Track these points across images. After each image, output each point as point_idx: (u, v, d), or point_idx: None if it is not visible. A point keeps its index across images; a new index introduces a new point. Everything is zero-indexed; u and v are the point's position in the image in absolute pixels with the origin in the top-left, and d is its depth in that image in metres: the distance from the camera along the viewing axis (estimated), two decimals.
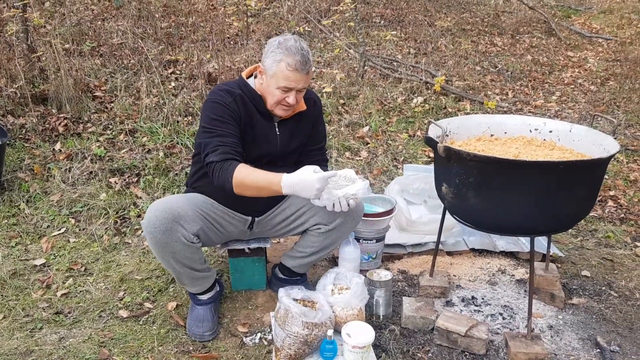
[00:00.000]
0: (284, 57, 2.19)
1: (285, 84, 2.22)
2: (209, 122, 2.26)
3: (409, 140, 4.90)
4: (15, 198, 3.60)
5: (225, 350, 2.38)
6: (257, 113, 2.36)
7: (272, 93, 2.28)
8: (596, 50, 8.32)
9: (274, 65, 2.21)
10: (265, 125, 2.39)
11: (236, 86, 2.35)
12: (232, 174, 2.16)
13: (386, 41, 7.18)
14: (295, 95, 2.27)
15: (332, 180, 2.27)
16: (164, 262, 2.31)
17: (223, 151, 2.20)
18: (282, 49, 2.20)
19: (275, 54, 2.21)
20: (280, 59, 2.20)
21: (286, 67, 2.19)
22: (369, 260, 2.94)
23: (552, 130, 2.61)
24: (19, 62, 4.73)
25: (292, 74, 2.20)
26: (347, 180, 2.27)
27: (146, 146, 4.17)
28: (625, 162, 4.62)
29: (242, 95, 2.32)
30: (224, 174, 2.17)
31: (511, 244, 3.21)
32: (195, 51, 5.64)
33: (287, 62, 2.19)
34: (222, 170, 2.17)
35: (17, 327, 2.51)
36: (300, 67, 2.20)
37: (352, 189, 2.24)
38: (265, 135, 2.40)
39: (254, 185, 2.17)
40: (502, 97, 6.15)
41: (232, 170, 2.16)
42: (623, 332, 2.54)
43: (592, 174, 2.20)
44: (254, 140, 2.37)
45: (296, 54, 2.19)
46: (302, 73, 2.21)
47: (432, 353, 2.36)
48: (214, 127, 2.24)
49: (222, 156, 2.19)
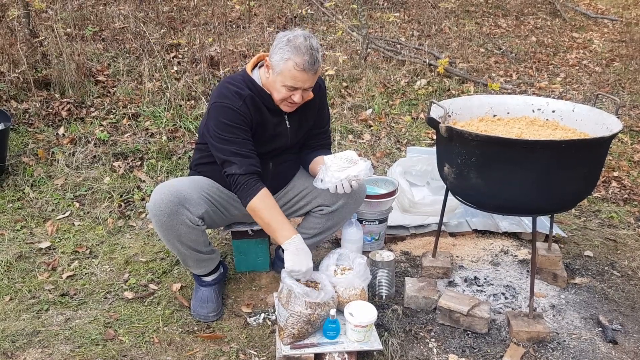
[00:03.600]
0: (292, 56, 2.12)
1: (292, 84, 2.17)
2: (222, 128, 2.22)
3: (412, 122, 4.89)
4: (19, 182, 3.62)
5: (229, 331, 2.40)
6: (267, 111, 2.33)
7: (278, 90, 2.23)
8: (601, 31, 8.23)
9: (282, 63, 2.15)
10: (276, 122, 2.37)
11: (244, 85, 2.28)
12: (252, 196, 2.20)
13: (389, 23, 7.12)
14: (302, 93, 2.23)
15: (334, 162, 2.28)
16: (169, 245, 2.33)
17: (245, 163, 2.21)
18: (291, 47, 2.12)
19: (283, 51, 2.14)
20: (288, 58, 2.13)
21: (294, 67, 2.13)
22: (372, 242, 2.96)
23: (555, 110, 2.60)
24: (21, 47, 4.72)
25: (299, 74, 2.14)
26: (349, 162, 2.27)
27: (149, 130, 4.18)
28: (629, 143, 4.60)
29: (251, 95, 2.27)
30: (245, 191, 2.21)
31: (514, 225, 3.21)
32: (197, 35, 5.61)
33: (295, 61, 2.12)
34: (246, 186, 2.21)
35: (24, 308, 2.54)
36: (308, 67, 2.13)
37: (354, 170, 2.24)
38: (277, 132, 2.39)
39: (265, 221, 2.23)
40: (506, 79, 6.11)
41: (254, 193, 2.20)
42: (625, 311, 2.55)
43: (594, 153, 2.20)
44: (266, 138, 2.36)
45: (305, 54, 2.12)
46: (309, 73, 2.16)
47: (435, 332, 2.38)
48: (229, 134, 2.22)
49: (246, 169, 2.21)
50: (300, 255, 2.18)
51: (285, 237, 2.20)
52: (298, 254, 2.18)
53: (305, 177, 2.55)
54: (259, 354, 2.26)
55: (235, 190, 2.25)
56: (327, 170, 2.26)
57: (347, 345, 2.14)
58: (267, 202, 2.22)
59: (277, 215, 2.23)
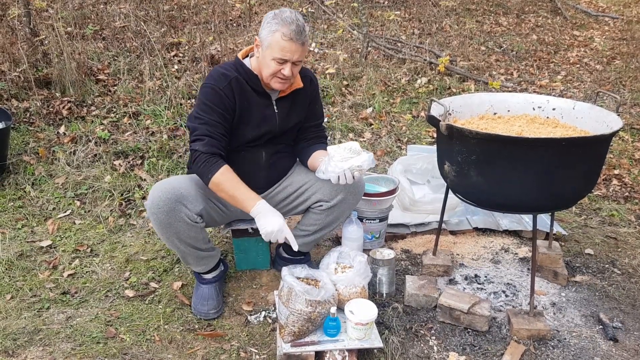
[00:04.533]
0: (280, 27, 2.18)
1: (281, 55, 2.21)
2: (201, 107, 2.28)
3: (413, 121, 4.88)
4: (20, 181, 3.62)
5: (230, 329, 2.41)
6: (254, 94, 2.36)
7: (267, 65, 2.26)
8: (602, 29, 8.22)
9: (270, 35, 2.20)
10: (263, 105, 2.40)
11: (232, 68, 2.35)
12: (214, 172, 2.22)
13: (390, 21, 7.12)
14: (291, 67, 2.26)
15: (337, 152, 2.29)
16: (168, 242, 2.33)
17: (210, 143, 2.23)
18: (278, 20, 2.19)
19: (270, 25, 2.21)
20: (275, 29, 2.19)
21: (281, 37, 2.18)
22: (372, 240, 2.96)
23: (555, 108, 2.60)
24: (22, 45, 4.71)
25: (287, 44, 2.19)
26: (352, 152, 2.29)
27: (150, 129, 4.18)
28: (630, 141, 4.60)
29: (237, 77, 2.32)
30: (206, 167, 2.22)
31: (515, 223, 3.21)
32: (197, 33, 5.60)
33: (282, 32, 2.17)
34: (206, 163, 2.22)
35: (25, 307, 2.54)
36: (296, 36, 2.18)
37: (357, 160, 2.26)
38: (264, 114, 2.40)
39: (229, 194, 2.24)
40: (507, 77, 6.11)
41: (215, 169, 2.22)
42: (626, 308, 2.55)
43: (594, 151, 2.20)
44: (252, 121, 2.38)
45: (291, 24, 2.17)
46: (297, 43, 2.20)
47: (435, 330, 2.38)
48: (205, 113, 2.27)
49: (209, 148, 2.23)
50: (267, 217, 2.20)
51: (251, 205, 2.21)
52: (265, 216, 2.20)
53: (304, 173, 2.55)
54: (260, 351, 2.27)
55: (196, 168, 2.26)
56: (330, 160, 2.27)
57: (348, 343, 2.15)
58: (229, 175, 2.24)
59: (240, 187, 2.24)
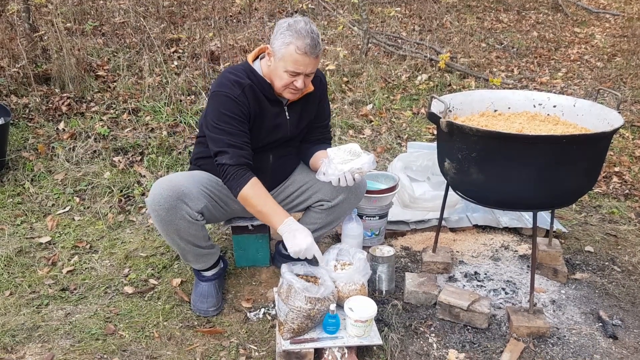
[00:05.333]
0: (294, 40, 2.12)
1: (294, 68, 2.16)
2: (219, 117, 2.22)
3: (413, 117, 4.88)
4: (19, 177, 3.62)
5: (229, 325, 2.40)
6: (266, 102, 2.32)
7: (280, 76, 2.21)
8: (603, 26, 8.20)
9: (283, 48, 2.14)
10: (275, 113, 2.36)
11: (244, 74, 2.28)
12: (242, 186, 2.20)
13: (390, 18, 7.11)
14: (304, 79, 2.22)
15: (337, 155, 2.27)
16: (169, 239, 2.32)
17: (236, 154, 2.20)
18: (292, 32, 2.12)
19: (284, 36, 2.14)
20: (289, 42, 2.12)
21: (295, 51, 2.12)
22: (372, 237, 2.95)
23: (556, 105, 2.59)
24: (21, 41, 4.71)
25: (301, 57, 2.14)
26: (353, 154, 2.27)
27: (149, 125, 4.17)
28: (631, 138, 4.59)
29: (251, 85, 2.26)
30: (235, 181, 2.20)
31: (515, 220, 3.21)
32: (197, 29, 5.60)
33: (296, 45, 2.12)
34: (235, 176, 2.20)
35: (24, 303, 2.54)
36: (310, 50, 2.13)
37: (358, 163, 2.24)
38: (276, 122, 2.37)
39: (257, 209, 2.22)
40: (507, 74, 6.10)
41: (245, 182, 2.20)
42: (625, 306, 2.55)
43: (595, 149, 2.19)
44: (265, 129, 2.35)
45: (306, 37, 2.11)
46: (311, 57, 2.15)
47: (435, 327, 2.38)
48: (224, 124, 2.21)
49: (237, 160, 2.20)
50: (296, 236, 2.18)
51: (278, 222, 2.19)
52: (294, 235, 2.18)
53: (306, 172, 2.54)
54: (259, 348, 2.26)
55: (225, 181, 2.25)
56: (330, 162, 2.25)
57: (347, 340, 2.15)
58: (258, 190, 2.22)
59: (268, 202, 2.23)
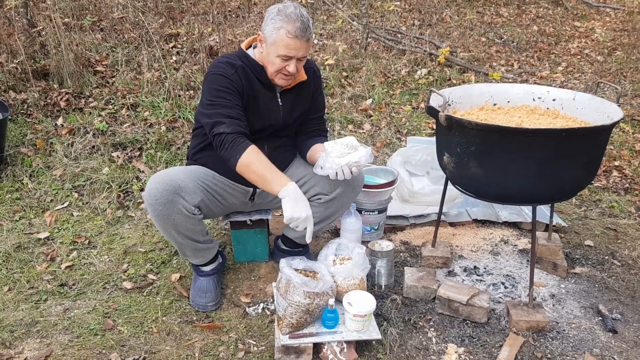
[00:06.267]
0: (284, 24, 2.14)
1: (286, 52, 2.18)
2: (213, 94, 2.23)
3: (413, 112, 4.86)
4: (18, 173, 3.61)
5: (228, 320, 2.40)
6: (259, 84, 2.33)
7: (272, 62, 2.24)
8: (603, 20, 8.18)
9: (274, 32, 2.17)
10: (267, 97, 2.37)
11: (237, 58, 2.32)
12: (242, 152, 2.14)
13: (390, 12, 7.08)
14: (296, 63, 2.24)
15: (334, 148, 2.26)
16: (166, 234, 2.32)
17: (233, 123, 2.18)
18: (282, 16, 2.15)
19: (274, 21, 2.16)
20: (280, 27, 2.15)
21: (286, 35, 2.15)
22: (371, 232, 2.95)
23: (556, 99, 2.58)
24: (19, 37, 4.69)
25: (292, 41, 2.16)
26: (350, 147, 2.26)
27: (148, 120, 4.16)
28: (631, 132, 4.58)
29: (243, 66, 2.29)
30: (234, 148, 2.15)
31: (514, 214, 3.20)
32: (196, 24, 5.57)
33: (287, 29, 2.14)
34: (233, 143, 2.15)
35: (22, 298, 2.54)
36: (301, 34, 2.15)
37: (355, 156, 2.23)
38: (268, 107, 2.38)
39: (259, 174, 2.16)
40: (507, 69, 6.08)
41: (243, 148, 2.15)
42: (625, 300, 2.55)
43: (594, 142, 2.18)
44: (257, 112, 2.35)
45: (296, 21, 2.14)
46: (302, 40, 2.17)
47: (434, 322, 2.37)
48: (218, 98, 2.22)
49: (234, 128, 2.17)
50: (298, 203, 2.12)
51: (281, 185, 2.12)
52: (296, 202, 2.11)
53: (303, 166, 2.53)
54: (258, 343, 2.26)
55: (222, 151, 2.19)
56: (328, 156, 2.24)
57: (346, 335, 2.14)
58: (258, 156, 2.17)
59: (269, 167, 2.17)
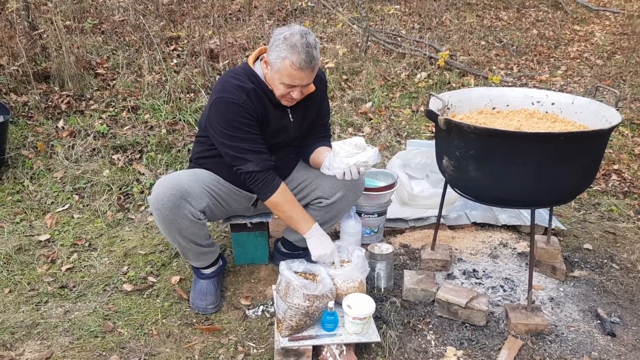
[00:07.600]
0: (289, 54, 2.11)
1: (290, 82, 2.17)
2: (230, 124, 2.21)
3: (412, 115, 4.88)
4: (19, 175, 3.62)
5: (228, 323, 2.41)
6: (270, 105, 2.31)
7: (277, 86, 2.22)
8: (603, 24, 8.19)
9: (278, 61, 2.14)
10: (279, 116, 2.36)
11: (246, 78, 2.26)
12: (273, 191, 2.29)
13: (390, 16, 7.10)
14: (300, 89, 2.23)
15: (342, 148, 2.28)
16: (170, 238, 2.33)
17: (260, 160, 2.26)
18: (287, 46, 2.11)
19: (280, 50, 2.13)
20: (284, 57, 2.12)
21: (290, 65, 2.12)
22: (371, 234, 2.95)
23: (555, 103, 2.59)
24: (21, 39, 4.71)
25: (296, 72, 2.13)
26: (358, 147, 2.28)
27: (148, 123, 4.17)
28: (630, 136, 4.59)
29: (254, 89, 2.25)
30: (267, 187, 2.29)
31: (513, 218, 3.21)
32: (197, 27, 5.59)
33: (291, 60, 2.11)
34: (266, 181, 2.27)
35: (23, 300, 2.54)
36: (305, 65, 2.12)
37: (363, 156, 2.25)
38: (282, 124, 2.38)
39: (287, 214, 2.35)
40: (506, 72, 6.09)
41: (275, 188, 2.29)
42: (624, 303, 2.55)
43: (593, 146, 2.19)
44: (271, 132, 2.35)
45: (301, 52, 2.10)
46: (306, 71, 2.15)
47: (433, 324, 2.38)
48: (238, 131, 2.21)
49: (262, 165, 2.26)
50: (323, 241, 2.34)
51: (306, 228, 2.34)
52: (321, 241, 2.34)
53: (305, 170, 2.55)
54: (258, 346, 2.27)
55: (253, 187, 2.31)
56: (336, 156, 2.26)
57: (345, 337, 2.15)
58: (287, 196, 2.33)
59: (297, 208, 2.35)
